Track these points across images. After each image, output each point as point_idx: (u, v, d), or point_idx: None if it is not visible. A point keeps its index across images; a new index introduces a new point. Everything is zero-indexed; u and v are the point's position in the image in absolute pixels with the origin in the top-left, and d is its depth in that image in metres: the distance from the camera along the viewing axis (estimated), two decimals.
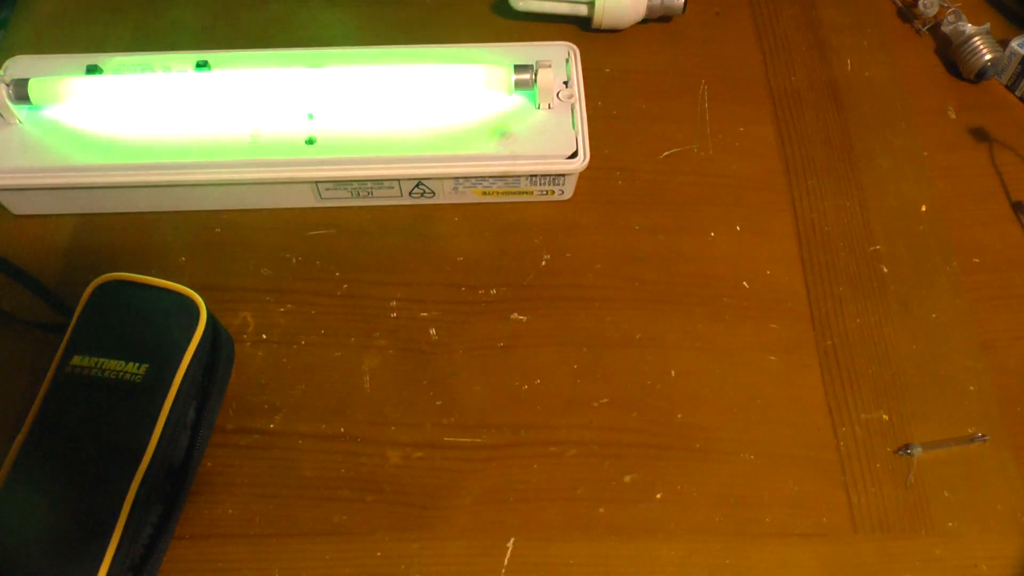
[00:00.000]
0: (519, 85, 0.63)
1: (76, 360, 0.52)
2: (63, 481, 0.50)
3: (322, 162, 0.62)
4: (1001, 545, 0.56)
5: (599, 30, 0.76)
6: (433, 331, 0.62)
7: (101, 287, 0.56)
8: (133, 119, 0.63)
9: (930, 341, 0.63)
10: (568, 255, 0.66)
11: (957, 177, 0.70)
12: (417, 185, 0.65)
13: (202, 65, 0.65)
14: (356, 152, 0.63)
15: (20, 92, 0.62)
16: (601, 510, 0.57)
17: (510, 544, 0.55)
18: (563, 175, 0.65)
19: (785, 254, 0.66)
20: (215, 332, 0.57)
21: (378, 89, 0.64)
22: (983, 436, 0.59)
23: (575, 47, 0.68)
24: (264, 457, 0.58)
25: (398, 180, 0.64)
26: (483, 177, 0.64)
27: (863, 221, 0.68)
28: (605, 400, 0.60)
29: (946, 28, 0.76)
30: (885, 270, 0.66)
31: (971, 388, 0.61)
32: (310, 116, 0.64)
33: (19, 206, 0.66)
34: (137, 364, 0.52)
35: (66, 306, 0.60)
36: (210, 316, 0.56)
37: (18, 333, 0.61)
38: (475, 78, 0.64)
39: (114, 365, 0.52)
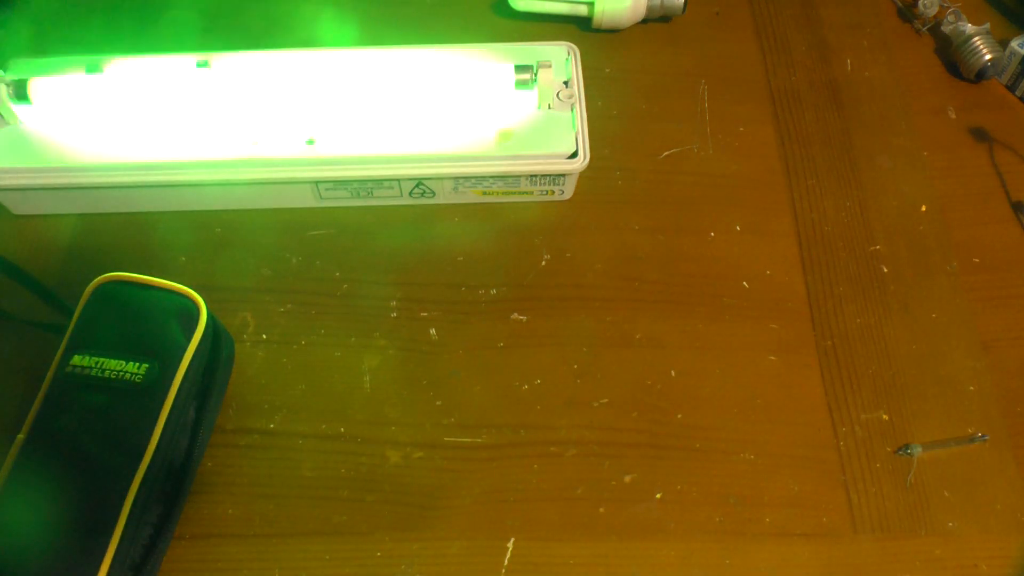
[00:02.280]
0: (519, 85, 0.63)
1: (76, 360, 0.52)
2: (63, 481, 0.50)
3: (322, 162, 0.62)
4: (1001, 545, 0.56)
5: (599, 30, 0.76)
6: (433, 331, 0.62)
7: (101, 287, 0.56)
8: (133, 119, 0.63)
9: (930, 341, 0.63)
10: (568, 255, 0.66)
11: (957, 177, 0.70)
12: (417, 185, 0.65)
13: (202, 65, 0.65)
14: (356, 152, 0.63)
15: (20, 92, 0.62)
16: (601, 510, 0.57)
17: (510, 544, 0.55)
18: (563, 175, 0.65)
19: (785, 254, 0.66)
20: (215, 332, 0.57)
21: (378, 89, 0.64)
22: (983, 436, 0.59)
23: (575, 47, 0.68)
24: (264, 457, 0.58)
25: (398, 180, 0.64)
26: (483, 177, 0.64)
27: (863, 221, 0.68)
28: (605, 400, 0.60)
29: (946, 28, 0.76)
30: (885, 270, 0.66)
31: (971, 388, 0.61)
32: (310, 117, 0.64)
33: (19, 206, 0.66)
34: (137, 364, 0.52)
35: (66, 306, 0.60)
36: (210, 316, 0.56)
37: (18, 333, 0.61)
38: (475, 78, 0.64)
39: (114, 365, 0.52)
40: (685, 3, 0.75)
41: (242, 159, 0.62)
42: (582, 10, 0.75)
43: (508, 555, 0.55)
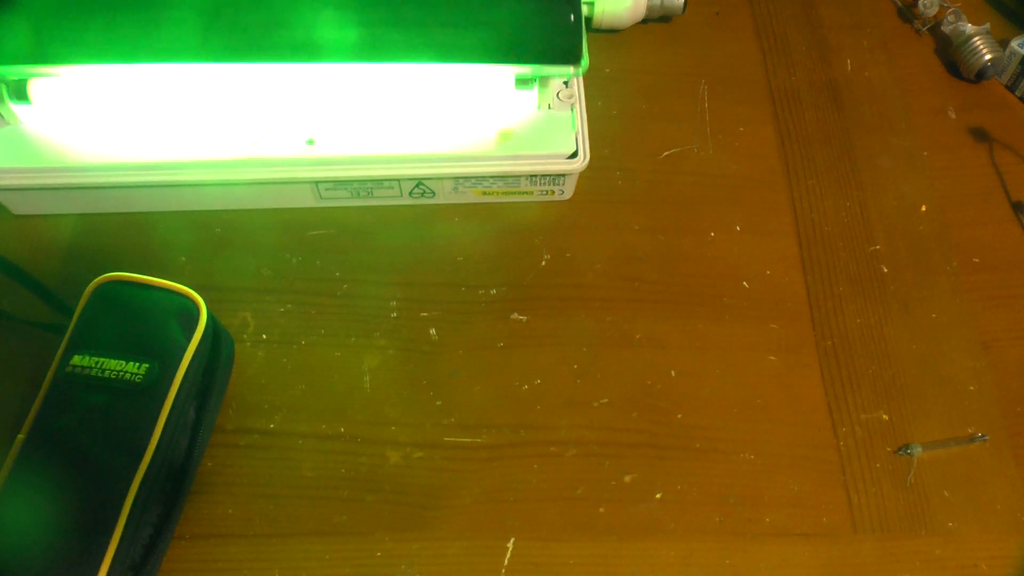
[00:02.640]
0: (519, 85, 0.63)
1: (76, 360, 0.52)
2: (63, 481, 0.50)
3: (322, 162, 0.62)
4: (1001, 545, 0.56)
5: (599, 30, 0.76)
6: (433, 331, 0.62)
7: (101, 287, 0.56)
8: (133, 119, 0.63)
9: (930, 341, 0.63)
10: (568, 255, 0.66)
11: (957, 177, 0.71)
12: (417, 185, 0.65)
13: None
14: (356, 152, 0.63)
15: (20, 92, 0.62)
16: (601, 510, 0.57)
17: (510, 544, 0.55)
18: (563, 175, 0.65)
19: (785, 254, 0.66)
20: (215, 332, 0.57)
21: (378, 89, 0.64)
22: (983, 436, 0.59)
23: None
24: (264, 457, 0.58)
25: (398, 180, 0.64)
26: (483, 177, 0.64)
27: (863, 221, 0.68)
28: (605, 400, 0.60)
29: (946, 28, 0.76)
30: (885, 270, 0.66)
31: (971, 388, 0.61)
32: (310, 116, 0.64)
33: (19, 206, 0.66)
34: (137, 364, 0.52)
35: (66, 306, 0.60)
36: (210, 316, 0.56)
37: (18, 333, 0.61)
38: (475, 78, 0.64)
39: (114, 365, 0.52)
40: (685, 3, 0.75)
41: (242, 159, 0.62)
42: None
43: (508, 555, 0.55)
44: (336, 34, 0.57)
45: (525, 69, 0.59)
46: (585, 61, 0.58)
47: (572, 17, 0.57)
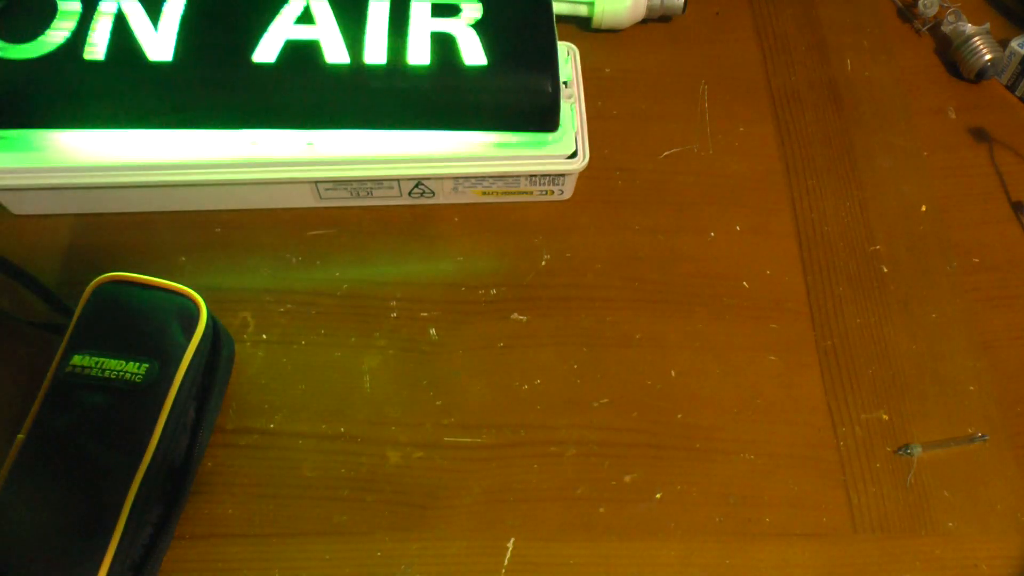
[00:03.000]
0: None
1: (76, 360, 0.52)
2: (63, 481, 0.50)
3: (322, 162, 0.62)
4: (1001, 545, 0.56)
5: (599, 30, 0.76)
6: (433, 331, 0.62)
7: (101, 287, 0.56)
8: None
9: (930, 341, 0.63)
10: (568, 255, 0.66)
11: (957, 177, 0.71)
12: (417, 185, 0.65)
13: None
14: (356, 152, 0.63)
15: None
16: (601, 510, 0.57)
17: (510, 544, 0.55)
18: (563, 175, 0.65)
19: (785, 254, 0.66)
20: (215, 332, 0.57)
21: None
22: (983, 436, 0.59)
23: (575, 47, 0.68)
24: (264, 457, 0.58)
25: (398, 180, 0.64)
26: (483, 177, 0.64)
27: (863, 221, 0.68)
28: (605, 400, 0.60)
29: (946, 28, 0.76)
30: (885, 270, 0.66)
31: (971, 388, 0.61)
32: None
33: (19, 206, 0.66)
34: (137, 364, 0.52)
35: (66, 306, 0.60)
36: (210, 316, 0.56)
37: (18, 333, 0.61)
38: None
39: (114, 365, 0.52)
40: (685, 3, 0.75)
41: (241, 159, 0.62)
42: (582, 10, 0.75)
43: (508, 555, 0.55)
44: (323, 100, 0.59)
45: (503, 137, 0.62)
46: (562, 128, 0.62)
47: (550, 88, 0.59)
